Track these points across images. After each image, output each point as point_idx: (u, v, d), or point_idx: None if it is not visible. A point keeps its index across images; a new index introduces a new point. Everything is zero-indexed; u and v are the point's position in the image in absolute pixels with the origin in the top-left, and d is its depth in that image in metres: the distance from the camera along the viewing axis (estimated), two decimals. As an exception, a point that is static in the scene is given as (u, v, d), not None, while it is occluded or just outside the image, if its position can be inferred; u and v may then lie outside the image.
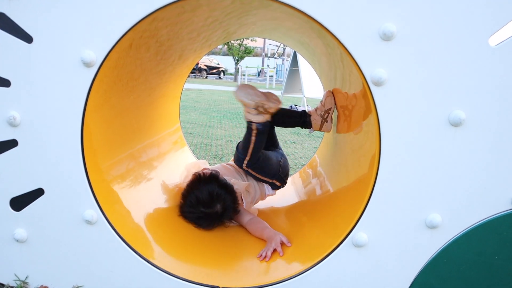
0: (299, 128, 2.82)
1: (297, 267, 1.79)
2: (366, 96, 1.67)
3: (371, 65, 1.58)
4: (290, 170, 2.91)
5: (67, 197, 1.74)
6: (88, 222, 1.74)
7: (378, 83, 1.58)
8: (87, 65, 1.63)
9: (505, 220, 1.63)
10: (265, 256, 1.98)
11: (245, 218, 2.39)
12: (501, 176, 1.61)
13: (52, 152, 1.71)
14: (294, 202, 2.86)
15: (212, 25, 2.33)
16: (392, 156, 1.63)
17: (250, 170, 2.55)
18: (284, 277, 1.75)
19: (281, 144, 2.96)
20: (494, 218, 1.63)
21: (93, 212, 1.74)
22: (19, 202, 1.76)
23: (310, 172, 3.16)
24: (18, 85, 1.66)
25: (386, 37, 1.55)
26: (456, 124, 1.58)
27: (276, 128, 3.02)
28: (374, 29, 1.55)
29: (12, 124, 1.68)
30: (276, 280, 1.75)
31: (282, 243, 2.04)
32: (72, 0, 1.59)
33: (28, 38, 1.63)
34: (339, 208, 2.11)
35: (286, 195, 2.95)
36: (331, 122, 2.70)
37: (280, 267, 1.86)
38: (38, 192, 1.74)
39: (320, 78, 3.34)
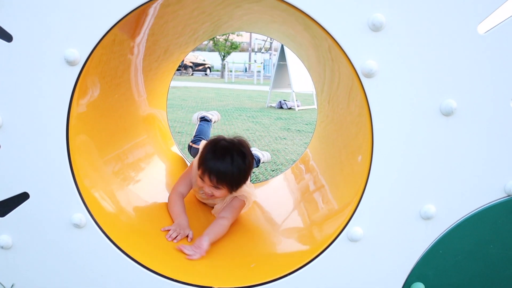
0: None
1: (293, 263, 1.76)
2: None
3: (361, 57, 1.55)
4: (281, 166, 2.89)
5: (54, 201, 1.69)
6: (77, 225, 1.70)
7: (368, 75, 1.56)
8: (71, 63, 1.58)
9: (499, 209, 1.62)
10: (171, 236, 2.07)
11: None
12: (494, 165, 1.60)
13: (36, 154, 1.66)
14: (287, 198, 2.84)
15: (200, 17, 2.28)
16: (385, 148, 1.62)
17: None
18: (280, 274, 1.73)
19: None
20: (488, 207, 1.62)
21: (81, 215, 1.69)
22: (3, 207, 1.70)
23: (303, 167, 3.14)
24: (-2, 86, 1.61)
25: (375, 28, 1.52)
26: (447, 113, 1.57)
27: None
28: (363, 20, 1.53)
29: (-6, 127, 1.62)
30: (272, 277, 1.73)
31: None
32: (52, -4, 1.54)
33: (7, 37, 1.57)
34: (333, 203, 2.10)
35: (279, 191, 2.93)
36: None
37: (276, 265, 1.84)
38: (23, 196, 1.69)
39: (308, 72, 3.31)
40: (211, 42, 29.55)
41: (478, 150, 1.60)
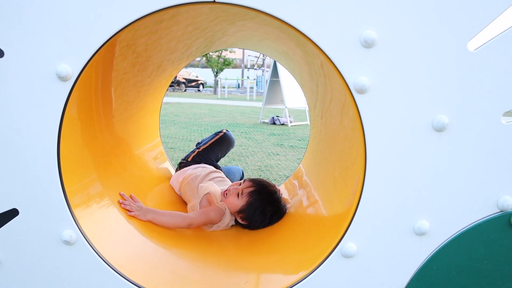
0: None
1: (286, 280, 1.74)
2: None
3: (354, 73, 1.57)
4: (275, 182, 2.96)
5: (44, 217, 1.66)
6: (67, 242, 1.67)
7: (361, 91, 1.57)
8: (63, 79, 1.57)
9: (492, 224, 1.62)
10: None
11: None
12: (486, 180, 1.61)
13: (27, 170, 1.64)
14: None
15: (193, 33, 2.29)
16: (378, 164, 1.62)
17: None
18: (273, 291, 1.71)
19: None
20: (481, 222, 1.62)
21: (72, 232, 1.66)
22: (-8, 224, 1.67)
23: (296, 183, 3.13)
24: (-11, 102, 1.59)
25: (367, 44, 1.54)
26: (439, 129, 1.57)
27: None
28: (355, 37, 1.55)
29: (-16, 143, 1.60)
30: (265, 295, 1.71)
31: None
32: (45, 12, 1.54)
33: (-1, 52, 1.57)
34: (327, 218, 2.09)
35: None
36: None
37: (269, 281, 1.81)
38: (13, 213, 1.66)
39: (301, 88, 3.33)
40: (204, 58, 29.76)
41: (471, 166, 1.60)
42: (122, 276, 1.71)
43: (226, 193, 2.62)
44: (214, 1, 1.54)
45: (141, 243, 2.13)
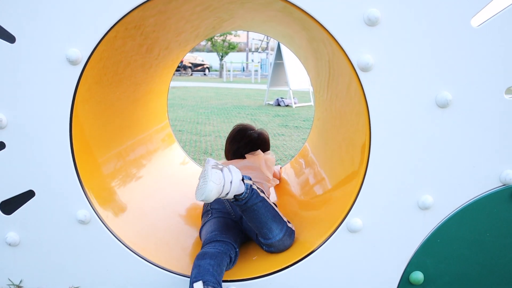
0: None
1: (293, 255, 1.80)
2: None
3: (358, 51, 1.59)
4: (281, 162, 2.94)
5: (59, 198, 1.72)
6: (82, 222, 1.73)
7: (365, 69, 1.59)
8: (73, 63, 1.61)
9: (494, 198, 1.66)
10: None
11: None
12: (489, 155, 1.64)
13: (41, 152, 1.69)
14: (287, 191, 2.87)
15: (203, 13, 2.30)
16: (382, 140, 1.65)
17: None
18: (282, 266, 1.76)
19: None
20: (484, 196, 1.66)
21: (86, 211, 1.72)
22: (9, 205, 1.73)
23: (302, 161, 3.17)
24: (2, 87, 1.64)
25: (371, 23, 1.56)
26: (443, 105, 1.60)
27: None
28: (359, 15, 1.56)
29: (-1, 126, 1.65)
30: (274, 269, 1.76)
31: None
32: (53, -3, 1.57)
33: (10, 38, 1.60)
34: (333, 195, 2.13)
35: (279, 185, 2.96)
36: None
37: (277, 257, 1.87)
38: (29, 194, 1.72)
39: (305, 68, 3.34)
40: (209, 43, 29.56)
41: (473, 141, 1.63)
42: (135, 253, 1.77)
43: None
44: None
45: (153, 221, 2.18)
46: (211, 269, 1.65)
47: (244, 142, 2.70)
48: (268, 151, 2.77)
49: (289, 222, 1.95)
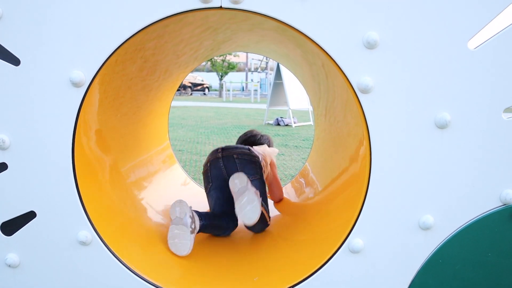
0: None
1: (295, 276, 1.79)
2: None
3: (357, 73, 1.61)
4: (281, 181, 3.04)
5: (60, 219, 1.72)
6: (83, 243, 1.72)
7: (365, 91, 1.61)
8: (76, 85, 1.63)
9: (495, 217, 1.66)
10: None
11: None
12: (489, 174, 1.65)
13: (43, 174, 1.70)
14: (288, 211, 2.87)
15: (201, 35, 2.34)
16: (383, 161, 1.66)
17: None
18: (283, 287, 1.75)
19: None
20: (484, 216, 1.66)
21: (87, 232, 1.72)
22: (10, 226, 1.73)
23: (303, 181, 3.18)
24: (6, 108, 1.65)
25: (370, 46, 1.59)
26: (442, 126, 1.62)
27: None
28: (358, 38, 1.59)
29: (1, 147, 1.66)
30: (275, 290, 1.75)
31: None
32: (59, 21, 1.60)
33: (15, 61, 1.63)
34: (334, 215, 2.13)
35: (280, 205, 2.96)
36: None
37: (279, 278, 1.86)
38: (30, 215, 1.72)
39: (304, 88, 3.38)
40: (209, 63, 29.86)
41: (473, 161, 1.64)
42: (136, 274, 1.76)
43: None
44: (221, 7, 1.60)
45: (155, 242, 2.17)
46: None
47: (250, 135, 3.19)
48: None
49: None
